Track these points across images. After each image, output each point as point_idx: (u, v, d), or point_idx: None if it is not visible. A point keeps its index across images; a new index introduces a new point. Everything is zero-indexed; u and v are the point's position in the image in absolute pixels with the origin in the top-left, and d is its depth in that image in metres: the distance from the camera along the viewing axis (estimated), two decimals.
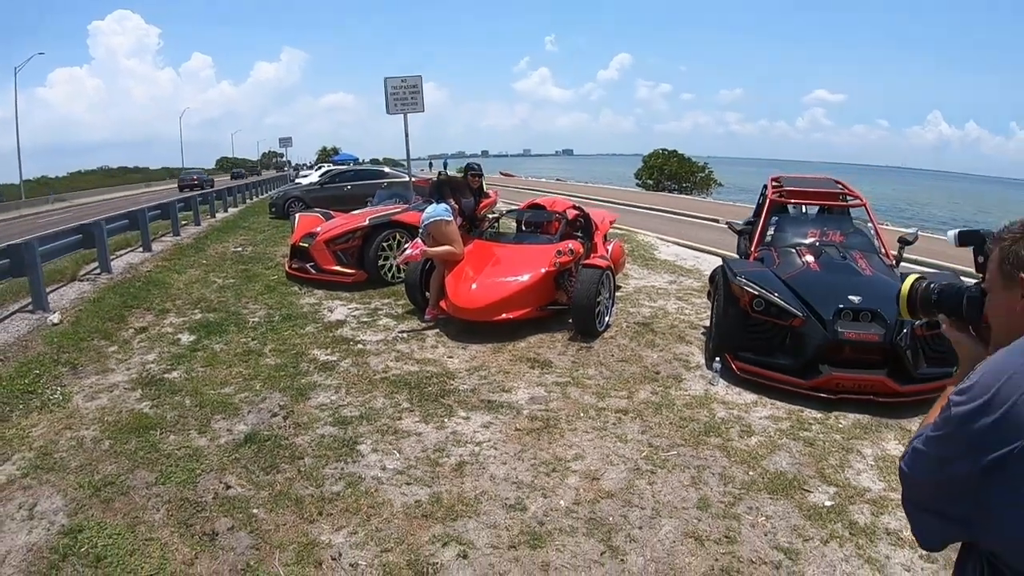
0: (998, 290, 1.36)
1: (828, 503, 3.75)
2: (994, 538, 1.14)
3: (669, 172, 41.72)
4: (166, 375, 5.75)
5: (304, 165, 68.51)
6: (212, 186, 39.94)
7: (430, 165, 68.93)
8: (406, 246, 8.38)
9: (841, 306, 5.28)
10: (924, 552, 3.22)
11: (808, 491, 3.88)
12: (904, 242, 6.60)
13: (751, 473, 4.09)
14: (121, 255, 11.85)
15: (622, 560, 3.21)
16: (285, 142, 49.72)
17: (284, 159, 61.14)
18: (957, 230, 1.65)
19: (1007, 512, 1.09)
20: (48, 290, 8.07)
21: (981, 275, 1.46)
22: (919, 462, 1.26)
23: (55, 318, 7.20)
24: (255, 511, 3.63)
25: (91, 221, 10.37)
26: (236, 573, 3.13)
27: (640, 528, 3.47)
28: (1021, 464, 1.06)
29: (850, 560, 3.26)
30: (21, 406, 5.03)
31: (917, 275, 1.71)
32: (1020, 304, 1.29)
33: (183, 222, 16.09)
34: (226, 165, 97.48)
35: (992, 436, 1.10)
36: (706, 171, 41.68)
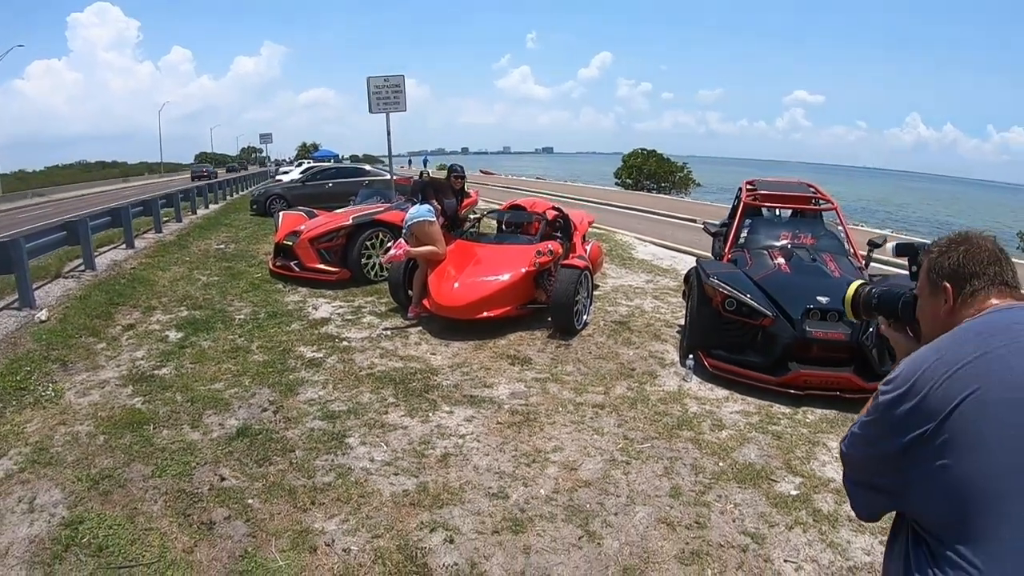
0: (926, 296, 1.59)
1: (794, 492, 3.94)
2: (912, 506, 1.36)
3: (648, 172, 41.82)
4: (156, 372, 5.86)
5: (284, 161, 68.22)
6: (216, 177, 43.31)
7: (409, 162, 68.78)
8: (389, 245, 8.52)
9: (810, 306, 5.46)
10: (883, 538, 3.44)
11: (775, 481, 4.07)
12: (873, 245, 6.81)
13: (721, 464, 4.29)
14: (104, 252, 11.86)
15: (599, 544, 3.40)
16: (265, 138, 49.61)
17: (264, 155, 61.06)
18: (895, 243, 1.87)
19: (920, 484, 1.31)
20: (34, 287, 8.11)
21: (915, 282, 1.68)
22: (854, 443, 1.49)
23: (42, 315, 7.27)
24: (250, 501, 3.77)
25: (76, 218, 10.39)
26: (234, 559, 3.28)
27: (616, 515, 3.66)
28: (931, 444, 1.28)
29: (813, 544, 3.46)
30: (14, 402, 5.11)
31: (861, 281, 1.93)
32: (944, 308, 1.52)
33: (165, 219, 16.07)
34: (205, 160, 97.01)
35: (909, 420, 1.32)
36: (685, 171, 41.87)
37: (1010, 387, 1.25)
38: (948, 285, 1.50)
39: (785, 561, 3.32)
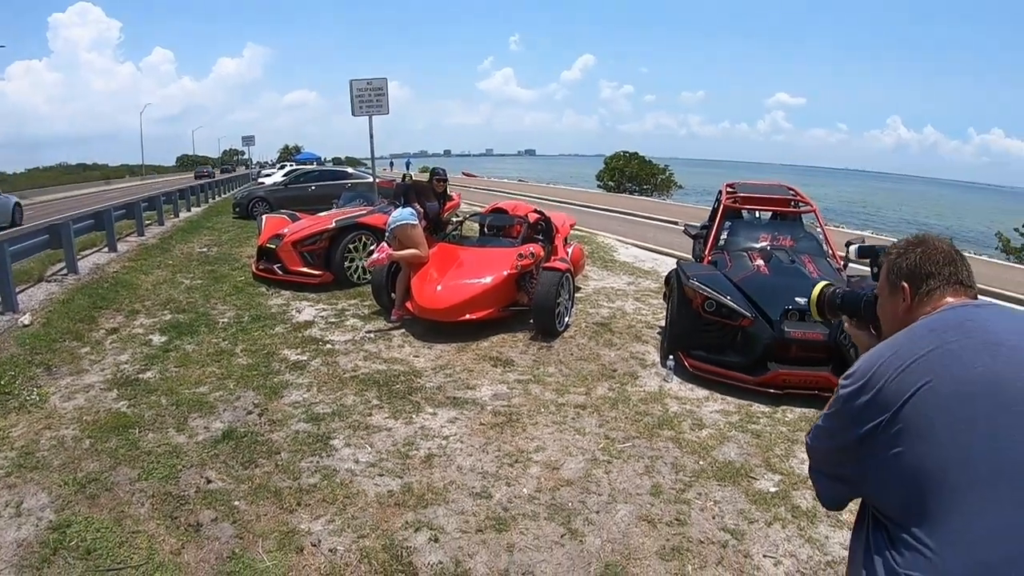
0: (886, 295, 1.68)
1: (773, 489, 4.02)
2: (871, 494, 1.45)
3: (630, 174, 41.89)
4: (140, 375, 5.86)
5: (267, 163, 68.02)
6: (214, 177, 46.20)
7: (391, 165, 68.72)
8: (372, 247, 8.55)
9: (788, 307, 5.55)
10: None
11: (755, 478, 4.15)
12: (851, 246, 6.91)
13: (701, 463, 4.37)
14: (87, 255, 11.80)
15: (581, 541, 3.46)
16: (248, 140, 49.51)
17: (246, 157, 61.05)
18: (857, 246, 1.96)
19: (877, 472, 1.40)
20: (16, 291, 8.06)
21: (876, 282, 1.78)
22: (818, 435, 1.59)
23: (26, 319, 7.24)
24: (236, 503, 3.81)
25: (58, 221, 10.34)
26: (222, 561, 3.32)
27: (597, 512, 3.73)
28: (886, 434, 1.37)
29: (792, 540, 3.54)
30: None
31: (825, 282, 2.03)
32: (902, 307, 1.61)
33: (147, 222, 15.98)
34: (187, 162, 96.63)
35: (866, 412, 1.41)
36: (666, 173, 42.00)
37: (960, 381, 1.34)
38: (906, 285, 1.59)
39: (764, 556, 3.40)
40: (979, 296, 1.59)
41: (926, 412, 1.33)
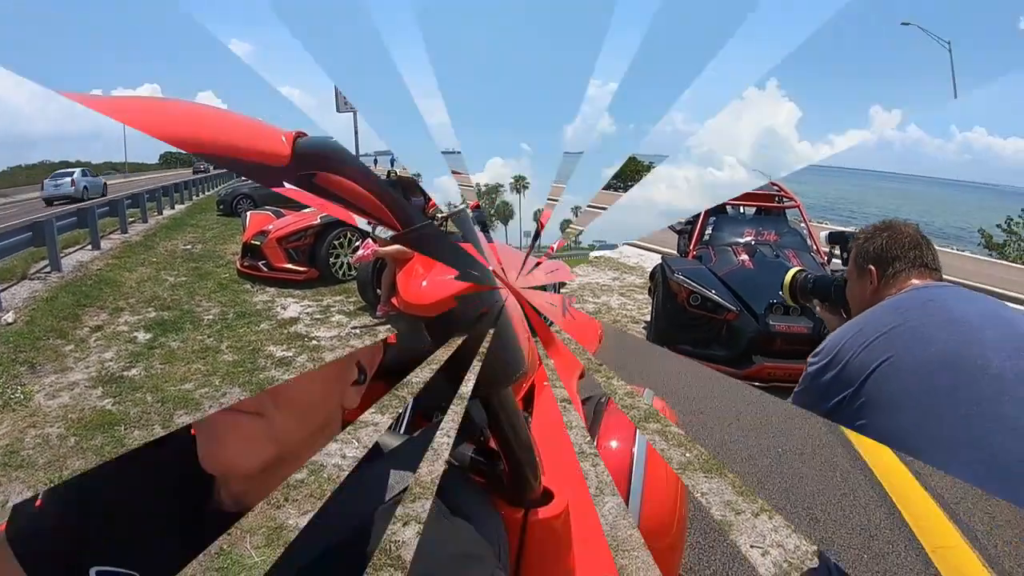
0: (854, 279, 1.74)
1: None
2: None
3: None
4: (125, 373, 5.82)
5: None
6: (209, 172, 43.78)
7: (375, 162, 68.68)
8: (357, 244, 8.54)
9: (772, 301, 5.59)
10: None
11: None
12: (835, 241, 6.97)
13: (688, 455, 4.39)
14: (70, 253, 11.70)
15: None
16: None
17: None
18: (828, 232, 2.00)
19: None
20: None
21: (845, 267, 1.84)
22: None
23: (9, 317, 7.18)
24: None
25: (42, 218, 10.24)
26: (210, 557, 3.29)
27: None
28: (850, 407, 1.44)
29: (779, 530, 3.56)
30: None
31: (797, 268, 2.08)
32: (869, 289, 1.67)
33: (131, 219, 15.84)
34: (170, 160, 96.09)
35: (833, 386, 1.47)
36: (651, 170, 42.08)
37: (919, 357, 1.38)
38: (872, 268, 1.64)
39: (752, 547, 3.41)
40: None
41: (887, 386, 1.38)
